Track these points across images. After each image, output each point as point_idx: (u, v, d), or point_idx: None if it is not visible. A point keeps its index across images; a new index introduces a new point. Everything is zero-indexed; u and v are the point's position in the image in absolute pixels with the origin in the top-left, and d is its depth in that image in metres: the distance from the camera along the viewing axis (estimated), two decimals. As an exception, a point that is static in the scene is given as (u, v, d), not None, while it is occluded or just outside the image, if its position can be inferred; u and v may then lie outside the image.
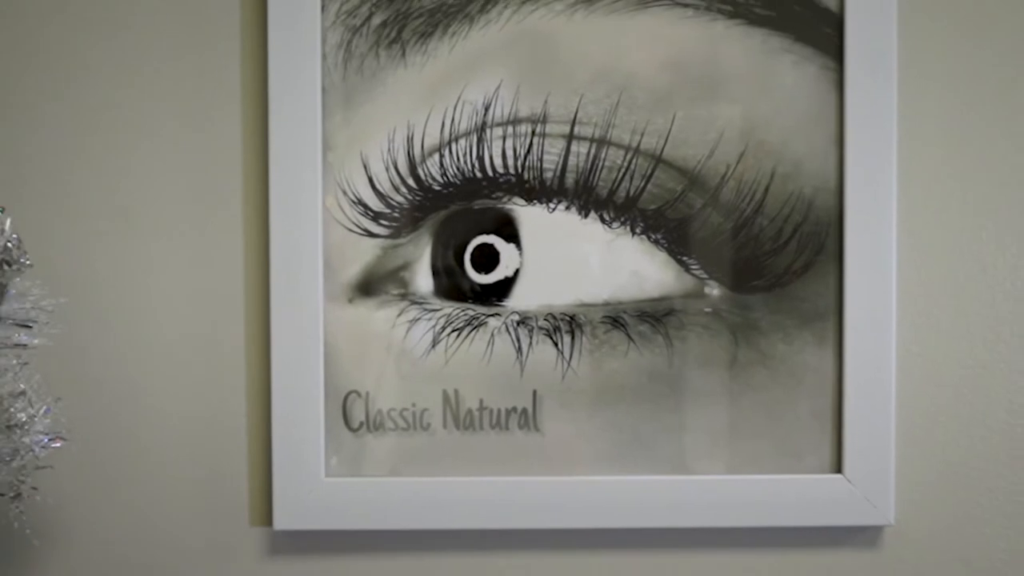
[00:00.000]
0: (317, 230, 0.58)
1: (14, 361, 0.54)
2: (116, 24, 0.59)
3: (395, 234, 0.59)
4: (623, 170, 0.58)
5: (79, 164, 0.60)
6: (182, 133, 0.60)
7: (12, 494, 0.55)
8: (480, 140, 0.58)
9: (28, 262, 0.52)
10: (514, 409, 0.60)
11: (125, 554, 0.61)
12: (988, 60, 0.60)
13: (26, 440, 0.54)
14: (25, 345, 0.54)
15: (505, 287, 0.59)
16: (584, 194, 0.58)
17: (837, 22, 0.59)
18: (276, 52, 0.58)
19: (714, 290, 0.59)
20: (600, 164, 0.58)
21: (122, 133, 0.60)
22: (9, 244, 0.52)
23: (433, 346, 0.60)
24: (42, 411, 0.55)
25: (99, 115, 0.60)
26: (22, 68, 0.59)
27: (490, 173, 0.58)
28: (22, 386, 0.54)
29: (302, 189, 0.58)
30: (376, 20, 0.58)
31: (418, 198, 0.59)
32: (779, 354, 0.60)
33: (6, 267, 0.52)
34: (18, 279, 0.53)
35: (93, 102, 0.60)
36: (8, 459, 0.54)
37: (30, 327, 0.55)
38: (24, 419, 0.54)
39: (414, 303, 0.59)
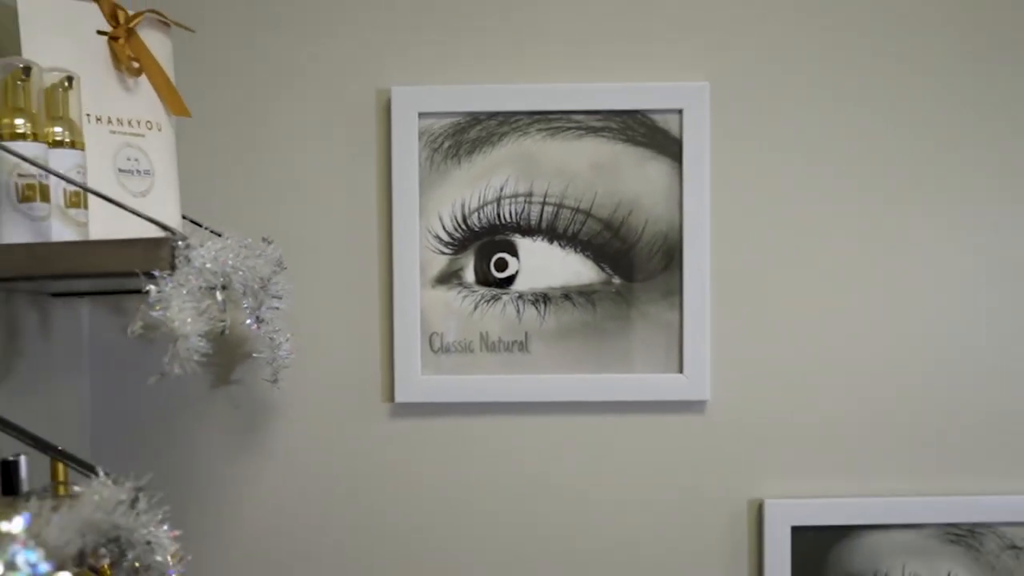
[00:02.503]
0: (416, 251, 1.14)
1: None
2: (294, 141, 1.17)
3: (455, 253, 1.15)
4: (570, 220, 1.14)
5: (293, 220, 1.17)
6: (343, 203, 1.16)
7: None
8: (499, 205, 1.15)
9: (286, 267, 1.10)
10: (516, 341, 1.16)
11: (315, 415, 1.16)
12: (769, 165, 1.16)
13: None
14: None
15: (511, 280, 1.15)
16: (551, 232, 1.14)
17: (679, 144, 1.14)
18: (396, 162, 1.14)
19: (617, 280, 1.15)
20: (559, 217, 1.14)
21: (311, 201, 1.17)
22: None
23: (474, 310, 1.16)
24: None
25: (303, 201, 1.16)
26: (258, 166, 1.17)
27: (503, 222, 1.15)
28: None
29: (409, 231, 1.14)
30: (445, 144, 1.15)
31: (467, 235, 1.15)
32: (651, 313, 1.15)
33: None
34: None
35: (305, 196, 1.17)
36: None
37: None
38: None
39: (465, 287, 1.16)
